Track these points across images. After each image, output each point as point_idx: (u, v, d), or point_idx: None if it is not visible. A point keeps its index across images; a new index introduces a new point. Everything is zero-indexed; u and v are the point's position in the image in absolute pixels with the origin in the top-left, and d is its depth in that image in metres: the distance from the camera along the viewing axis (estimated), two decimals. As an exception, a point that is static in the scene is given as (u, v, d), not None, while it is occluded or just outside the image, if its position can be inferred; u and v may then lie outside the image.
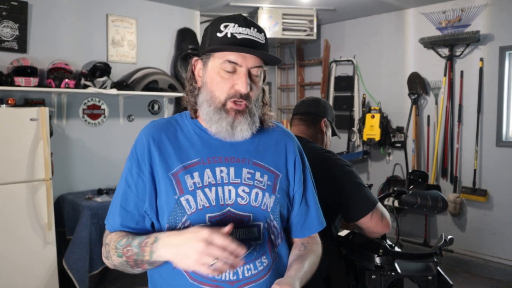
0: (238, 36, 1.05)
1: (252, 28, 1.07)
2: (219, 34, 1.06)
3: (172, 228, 1.06)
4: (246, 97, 1.07)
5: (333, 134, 2.00)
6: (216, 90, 1.07)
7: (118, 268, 1.09)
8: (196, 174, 1.08)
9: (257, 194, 1.11)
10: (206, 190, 1.08)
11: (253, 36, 1.06)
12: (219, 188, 1.09)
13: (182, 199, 1.06)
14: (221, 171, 1.10)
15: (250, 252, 1.09)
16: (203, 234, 0.92)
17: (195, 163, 1.10)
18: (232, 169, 1.11)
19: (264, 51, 1.08)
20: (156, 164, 1.09)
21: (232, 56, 1.04)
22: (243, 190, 1.10)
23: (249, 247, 1.08)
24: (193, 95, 1.14)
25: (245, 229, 1.09)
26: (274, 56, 1.09)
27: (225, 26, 1.06)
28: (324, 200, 1.66)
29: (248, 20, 1.09)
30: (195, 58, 1.13)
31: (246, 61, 1.05)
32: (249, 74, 1.07)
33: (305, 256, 1.15)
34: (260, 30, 1.09)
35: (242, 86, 1.05)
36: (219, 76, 1.06)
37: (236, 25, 1.05)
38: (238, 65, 1.05)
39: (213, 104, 1.08)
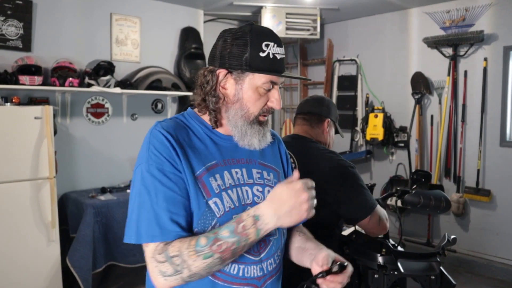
0: (278, 57, 1.10)
1: (283, 46, 1.13)
2: (262, 54, 1.08)
3: (200, 233, 1.04)
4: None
5: (336, 132, 2.00)
6: (251, 106, 1.11)
7: (196, 275, 1.01)
8: (218, 176, 1.10)
9: (269, 192, 1.14)
10: (229, 191, 1.10)
11: (284, 54, 1.13)
12: (238, 189, 1.12)
13: (210, 202, 1.06)
14: (236, 173, 1.13)
15: (270, 248, 1.14)
16: (300, 185, 1.00)
17: (214, 165, 1.11)
18: (244, 170, 1.15)
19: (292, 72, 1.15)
20: (183, 165, 1.06)
21: (275, 77, 1.10)
22: (257, 190, 1.15)
23: (268, 243, 1.14)
24: (216, 106, 1.12)
25: None
26: (307, 79, 1.23)
27: (267, 45, 1.08)
28: (327, 201, 1.67)
29: (279, 37, 1.14)
30: (221, 70, 1.11)
31: (279, 79, 1.13)
32: None
33: (311, 239, 1.26)
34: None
35: (277, 104, 1.12)
36: (258, 94, 1.10)
37: (276, 45, 1.10)
38: (275, 83, 1.12)
39: (247, 119, 1.11)
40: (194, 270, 0.98)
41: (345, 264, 1.06)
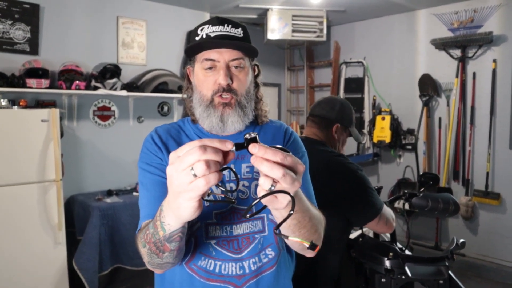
0: (212, 35, 1.08)
1: (226, 25, 1.10)
2: (196, 38, 1.11)
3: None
4: (230, 89, 1.09)
5: (349, 135, 1.97)
6: (202, 88, 1.11)
7: (153, 265, 0.99)
8: None
9: (256, 186, 1.11)
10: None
11: (228, 31, 1.09)
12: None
13: None
14: None
15: (255, 246, 1.10)
16: (179, 152, 0.73)
17: None
18: (232, 166, 1.13)
19: (239, 42, 1.09)
20: (165, 156, 1.11)
21: (208, 53, 1.08)
22: (243, 185, 1.13)
23: (253, 240, 1.10)
24: (190, 100, 1.18)
25: (248, 223, 1.10)
26: (247, 44, 1.10)
27: (201, 29, 1.10)
28: (334, 204, 1.65)
29: (222, 18, 1.12)
30: (188, 66, 1.18)
31: (223, 55, 1.08)
32: (231, 68, 1.10)
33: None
34: (237, 26, 1.12)
35: (221, 78, 1.07)
36: (202, 75, 1.10)
37: (210, 25, 1.09)
38: (215, 61, 1.08)
39: (203, 103, 1.11)
40: (145, 258, 0.99)
41: (278, 146, 0.73)
